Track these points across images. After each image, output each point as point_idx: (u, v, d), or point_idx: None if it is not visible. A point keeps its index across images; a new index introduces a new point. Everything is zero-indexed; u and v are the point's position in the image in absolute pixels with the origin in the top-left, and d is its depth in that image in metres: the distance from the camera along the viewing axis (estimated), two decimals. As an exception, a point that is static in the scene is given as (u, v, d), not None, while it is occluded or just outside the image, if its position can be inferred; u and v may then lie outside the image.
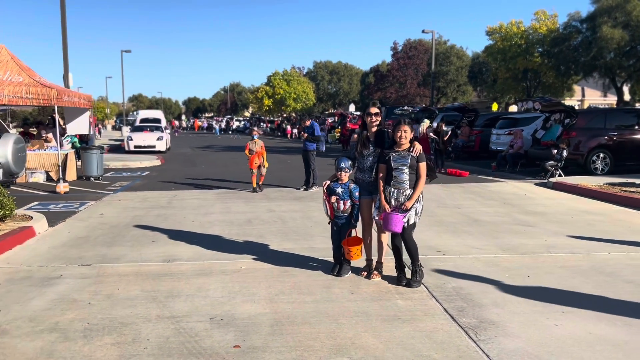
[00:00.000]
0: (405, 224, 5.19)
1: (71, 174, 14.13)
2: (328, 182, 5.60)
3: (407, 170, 5.22)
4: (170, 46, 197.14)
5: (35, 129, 17.24)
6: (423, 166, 5.29)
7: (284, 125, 52.02)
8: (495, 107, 32.52)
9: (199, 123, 76.00)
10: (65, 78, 19.58)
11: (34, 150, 13.79)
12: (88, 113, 14.99)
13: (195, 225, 8.26)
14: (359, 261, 5.66)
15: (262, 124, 62.30)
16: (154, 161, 19.34)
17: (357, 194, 5.53)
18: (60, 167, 12.04)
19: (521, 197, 11.08)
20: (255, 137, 12.16)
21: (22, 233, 7.34)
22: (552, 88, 35.11)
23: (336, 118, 38.70)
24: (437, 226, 8.11)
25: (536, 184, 13.04)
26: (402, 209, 5.20)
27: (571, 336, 4.05)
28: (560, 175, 13.44)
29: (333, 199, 5.52)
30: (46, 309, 4.65)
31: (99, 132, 43.42)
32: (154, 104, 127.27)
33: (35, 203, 10.40)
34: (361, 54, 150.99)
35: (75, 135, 17.29)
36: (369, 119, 5.51)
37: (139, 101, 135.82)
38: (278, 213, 9.31)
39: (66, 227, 8.17)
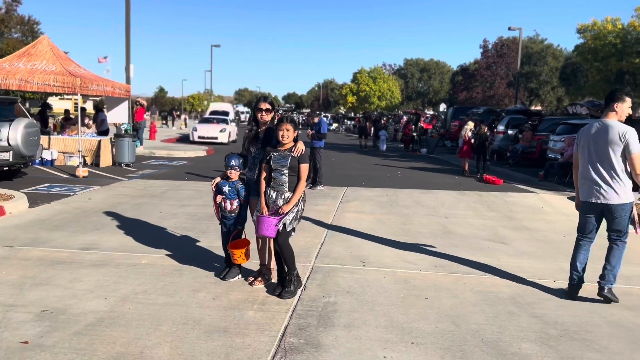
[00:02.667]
0: (280, 229, 4.81)
1: (106, 160, 14.88)
2: (218, 179, 5.33)
3: (286, 171, 4.83)
4: (273, 42, 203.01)
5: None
6: (304, 168, 4.88)
7: (362, 123, 51.42)
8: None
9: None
10: (127, 69, 20.70)
11: (71, 136, 14.69)
12: (126, 102, 15.69)
13: (157, 216, 8.31)
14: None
15: (346, 120, 62.09)
16: (199, 152, 19.90)
17: (244, 193, 5.23)
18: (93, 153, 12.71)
19: (532, 210, 10.02)
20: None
21: (-10, 212, 7.78)
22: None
23: (410, 117, 37.66)
24: (395, 235, 7.53)
25: (569, 198, 11.75)
26: (279, 212, 4.82)
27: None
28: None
29: (219, 198, 5.25)
30: None
31: (172, 123, 45.66)
32: (254, 98, 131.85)
33: (46, 184, 11.06)
34: (453, 51, 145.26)
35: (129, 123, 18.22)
36: (259, 114, 5.17)
37: (240, 95, 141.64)
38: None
39: (41, 210, 8.56)
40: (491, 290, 5.25)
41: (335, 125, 61.20)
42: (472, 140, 15.89)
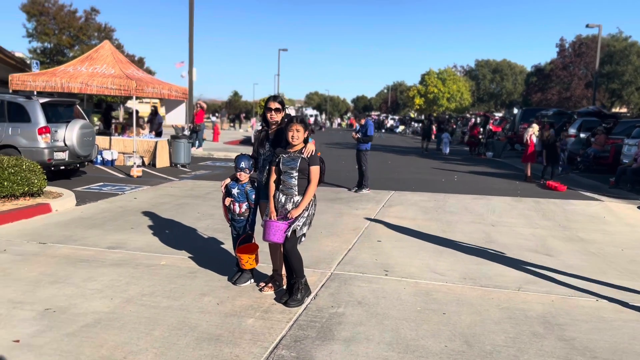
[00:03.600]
0: (288, 234, 4.59)
1: (163, 161, 15.30)
2: (228, 180, 5.20)
3: (295, 174, 4.62)
4: (342, 45, 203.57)
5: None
6: (315, 170, 4.64)
7: (426, 125, 50.30)
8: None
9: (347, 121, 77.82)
10: (190, 73, 21.27)
11: (130, 137, 15.21)
12: (184, 105, 16.06)
13: (194, 217, 8.34)
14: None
15: (413, 123, 60.92)
16: (256, 153, 20.07)
17: (253, 196, 5.06)
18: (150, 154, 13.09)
19: (592, 220, 9.22)
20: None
21: (37, 208, 8.11)
22: None
23: (478, 119, 36.38)
24: (431, 243, 7.11)
25: (640, 207, 10.76)
26: (288, 217, 4.61)
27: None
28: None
29: (227, 200, 5.11)
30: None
31: (239, 125, 46.64)
32: (323, 101, 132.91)
33: (100, 183, 11.47)
34: (527, 51, 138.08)
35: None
36: (268, 114, 4.99)
37: (310, 98, 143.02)
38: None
39: (86, 208, 8.83)
40: (520, 308, 4.77)
41: (401, 127, 60.26)
42: (535, 144, 14.98)
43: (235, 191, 5.06)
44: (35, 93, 13.15)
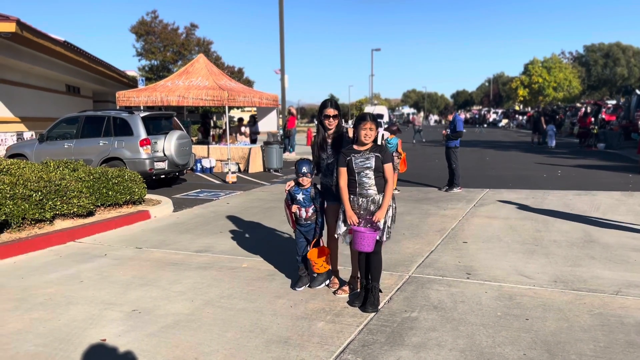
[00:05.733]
0: (379, 239, 4.53)
1: (256, 166, 15.83)
2: (292, 183, 5.19)
3: (371, 174, 4.52)
4: (437, 40, 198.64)
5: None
6: (389, 167, 4.53)
7: (536, 117, 47.48)
8: None
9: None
10: (282, 80, 21.85)
11: (227, 145, 15.89)
12: (275, 111, 16.51)
13: (279, 220, 8.52)
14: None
15: (517, 116, 57.95)
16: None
17: (320, 199, 5.04)
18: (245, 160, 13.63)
19: None
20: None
21: (137, 215, 8.71)
22: None
23: (588, 109, 33.77)
24: (522, 243, 6.70)
25: None
26: (374, 222, 4.51)
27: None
28: None
29: (294, 207, 5.10)
30: (50, 282, 5.53)
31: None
32: (420, 98, 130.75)
33: (197, 190, 12.10)
34: None
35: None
36: (326, 121, 4.93)
37: (407, 96, 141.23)
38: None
39: (181, 214, 9.34)
40: (616, 314, 4.33)
41: (505, 121, 57.55)
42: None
43: (300, 196, 5.05)
44: (142, 108, 14.19)
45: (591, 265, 5.70)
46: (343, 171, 4.65)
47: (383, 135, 28.08)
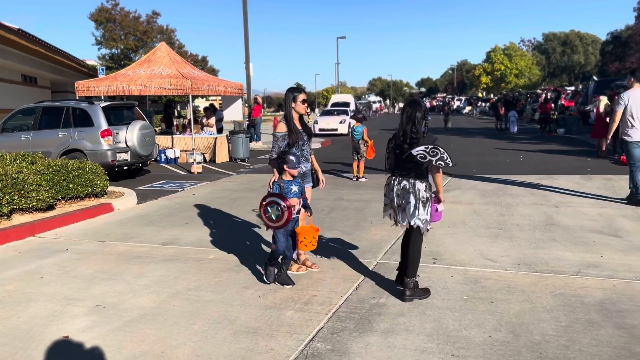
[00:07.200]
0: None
1: (222, 156, 15.64)
2: (280, 184, 4.86)
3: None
4: (403, 30, 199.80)
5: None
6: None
7: (497, 105, 48.35)
8: None
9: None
10: (247, 68, 21.60)
11: (191, 135, 15.65)
12: (240, 100, 16.32)
13: (247, 210, 8.45)
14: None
15: (480, 103, 58.90)
16: (315, 144, 20.11)
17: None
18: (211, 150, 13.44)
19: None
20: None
21: (100, 208, 8.50)
22: None
23: (549, 95, 34.61)
24: (487, 228, 6.82)
25: None
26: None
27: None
28: None
29: (295, 201, 4.83)
30: (9, 279, 5.33)
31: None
32: (386, 86, 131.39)
33: (161, 181, 11.89)
34: (597, 20, 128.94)
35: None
36: (304, 105, 4.95)
37: (373, 85, 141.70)
38: (341, 202, 8.94)
39: (146, 206, 9.16)
40: (577, 294, 4.46)
41: (468, 108, 58.41)
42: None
43: (296, 188, 4.85)
44: (102, 98, 13.81)
45: (553, 247, 5.85)
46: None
47: (350, 123, 28.22)
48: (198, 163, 13.29)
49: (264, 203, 4.79)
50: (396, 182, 4.41)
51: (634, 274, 4.90)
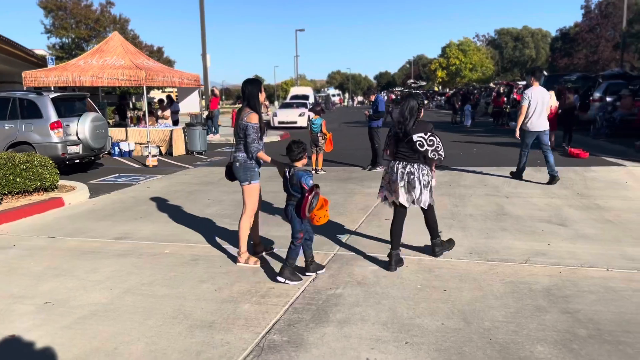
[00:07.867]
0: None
1: (179, 149, 15.36)
2: (286, 170, 4.86)
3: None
4: (361, 23, 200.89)
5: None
6: None
7: (453, 99, 49.37)
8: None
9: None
10: (204, 58, 21.26)
11: (145, 127, 15.31)
12: (196, 92, 16.06)
13: (204, 203, 8.35)
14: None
15: (437, 97, 59.84)
16: (273, 137, 20.01)
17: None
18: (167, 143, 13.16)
19: (613, 186, 8.91)
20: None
21: (49, 203, 8.21)
22: None
23: (502, 89, 35.51)
24: (440, 218, 6.93)
25: (665, 170, 10.35)
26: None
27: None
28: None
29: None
30: (-50, 277, 5.12)
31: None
32: (345, 80, 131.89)
33: (115, 175, 11.59)
34: (548, 16, 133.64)
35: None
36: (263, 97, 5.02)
37: (332, 78, 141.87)
38: (298, 194, 8.93)
39: (98, 200, 8.92)
40: (525, 281, 4.62)
41: (425, 102, 59.38)
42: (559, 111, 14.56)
43: (311, 181, 4.71)
44: (52, 89, 13.31)
45: (503, 236, 6.03)
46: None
47: (309, 116, 28.23)
48: (153, 156, 13.02)
49: (309, 196, 4.55)
50: (400, 166, 4.97)
51: (579, 261, 5.11)
